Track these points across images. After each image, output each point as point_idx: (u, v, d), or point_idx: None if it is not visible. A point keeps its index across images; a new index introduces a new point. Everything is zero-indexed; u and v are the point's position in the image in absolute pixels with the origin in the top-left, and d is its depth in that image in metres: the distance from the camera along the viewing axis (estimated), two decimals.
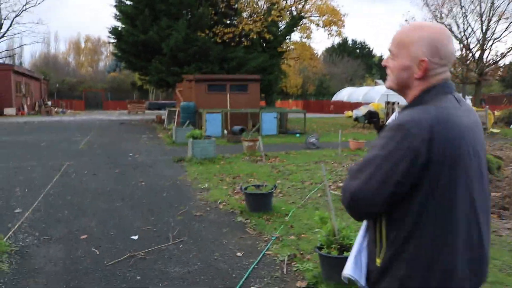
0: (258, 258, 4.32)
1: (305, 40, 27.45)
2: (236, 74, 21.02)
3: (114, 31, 24.41)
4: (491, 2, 26.44)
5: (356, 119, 22.11)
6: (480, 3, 26.46)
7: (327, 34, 27.88)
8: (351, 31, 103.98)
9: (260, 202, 5.85)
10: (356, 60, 57.97)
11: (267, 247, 4.63)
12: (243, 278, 3.88)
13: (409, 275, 1.42)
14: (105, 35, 73.08)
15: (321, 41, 62.06)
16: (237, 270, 4.08)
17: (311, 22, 25.98)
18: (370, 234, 1.59)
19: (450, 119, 1.41)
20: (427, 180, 1.38)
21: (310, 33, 26.64)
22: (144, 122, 24.46)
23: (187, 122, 14.39)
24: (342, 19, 25.70)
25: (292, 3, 25.25)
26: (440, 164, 1.37)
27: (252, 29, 22.66)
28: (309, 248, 4.52)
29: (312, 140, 13.25)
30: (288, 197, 6.82)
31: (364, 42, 66.22)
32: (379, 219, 1.51)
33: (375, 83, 49.02)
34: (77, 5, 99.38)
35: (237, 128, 15.84)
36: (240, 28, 22.77)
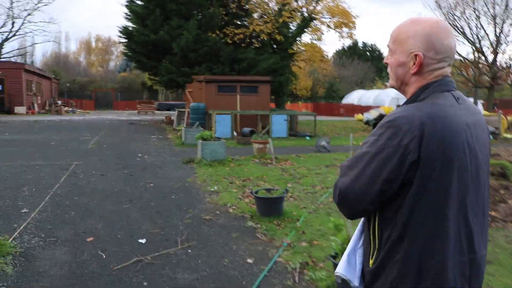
0: (269, 266, 4.18)
1: (316, 42, 27.27)
2: (247, 76, 20.90)
3: (125, 31, 24.37)
4: (505, 5, 26.07)
5: (367, 123, 21.90)
6: (494, 6, 26.09)
7: (338, 36, 27.55)
8: (362, 34, 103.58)
9: (271, 207, 5.71)
10: (366, 63, 57.60)
11: (278, 254, 4.49)
12: (254, 286, 3.74)
13: (401, 278, 1.38)
14: (116, 35, 73.41)
15: (332, 43, 61.88)
16: (248, 278, 3.94)
17: (322, 24, 25.79)
18: (366, 233, 1.55)
19: (444, 117, 1.36)
20: (418, 179, 1.33)
21: (321, 35, 26.43)
22: (154, 123, 24.42)
23: (197, 123, 14.32)
24: (353, 21, 25.47)
25: (303, 4, 25.06)
26: (431, 163, 1.32)
27: (263, 30, 22.50)
28: (322, 256, 4.37)
29: (323, 143, 13.08)
30: (299, 202, 6.67)
31: (375, 45, 65.80)
32: (373, 219, 1.47)
33: (385, 86, 48.61)
34: (88, 5, 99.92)
35: (247, 130, 15.71)
36: (251, 29, 22.61)
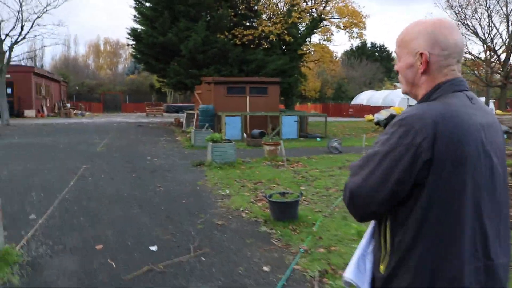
0: (287, 274, 3.97)
1: (325, 43, 27.04)
2: (256, 77, 20.72)
3: (133, 33, 24.33)
4: None
5: (378, 123, 21.63)
6: (507, 4, 25.65)
7: (348, 36, 27.30)
8: (370, 34, 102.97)
9: (286, 211, 5.50)
10: (375, 63, 57.19)
11: (295, 261, 4.28)
12: None
13: (415, 284, 1.32)
14: (124, 38, 73.58)
15: (341, 44, 61.43)
16: (264, 287, 3.74)
17: (332, 24, 25.57)
18: (376, 238, 1.49)
19: (457, 116, 1.32)
20: (430, 180, 1.29)
21: (331, 36, 26.20)
22: (162, 125, 24.30)
23: (206, 125, 14.14)
24: (363, 21, 25.24)
25: (313, 5, 24.88)
26: (444, 163, 1.28)
27: (272, 31, 22.33)
28: (341, 263, 4.15)
29: (335, 145, 12.85)
30: (314, 205, 6.45)
31: (383, 45, 65.49)
32: (384, 222, 1.42)
33: (394, 87, 48.18)
34: (96, 8, 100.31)
35: (257, 132, 15.49)
36: (260, 30, 22.44)
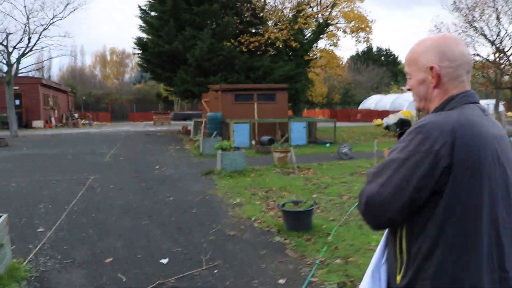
0: (304, 287, 3.82)
1: (332, 48, 26.90)
2: (263, 84, 20.61)
3: (139, 42, 24.32)
4: None
5: (387, 128, 21.40)
6: None
7: (355, 41, 27.16)
8: (376, 39, 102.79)
9: (300, 221, 5.34)
10: (382, 68, 56.92)
11: (312, 273, 4.12)
12: None
13: None
14: (130, 47, 74.04)
15: (348, 49, 61.11)
16: None
17: (338, 29, 25.43)
18: (390, 248, 1.46)
19: (474, 125, 1.33)
20: (449, 187, 1.28)
21: (337, 41, 26.05)
22: (170, 133, 24.23)
23: (215, 133, 14.02)
24: (370, 25, 25.08)
25: (318, 10, 24.76)
26: (463, 171, 1.27)
27: (278, 38, 22.22)
28: (360, 275, 3.98)
29: (345, 150, 12.67)
30: (327, 213, 6.29)
31: (389, 50, 65.02)
32: (400, 231, 1.39)
33: (402, 91, 47.90)
34: (102, 19, 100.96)
35: (266, 139, 15.34)
36: (266, 37, 22.34)
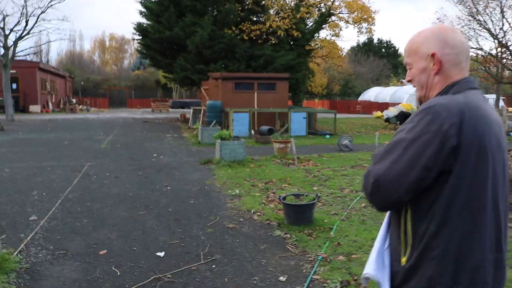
0: (306, 285, 3.66)
1: (334, 38, 26.59)
2: (264, 73, 20.35)
3: (139, 28, 23.95)
4: None
5: (387, 120, 21.22)
6: None
7: (357, 32, 26.92)
8: (377, 30, 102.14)
9: (301, 214, 5.18)
10: (382, 60, 56.53)
11: (314, 270, 3.96)
12: None
13: (439, 274, 1.30)
14: (130, 33, 73.30)
15: (349, 40, 60.52)
16: None
17: (340, 19, 25.12)
18: (394, 230, 1.46)
19: (480, 108, 1.35)
20: (457, 167, 1.28)
21: (339, 31, 25.74)
22: (168, 121, 24.01)
23: (214, 122, 13.83)
24: (373, 16, 24.77)
25: (321, 0, 24.43)
26: (470, 151, 1.28)
27: (280, 26, 21.91)
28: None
29: (345, 142, 12.49)
30: (329, 207, 6.12)
31: (390, 41, 64.54)
32: (404, 213, 1.39)
33: (401, 83, 47.62)
34: (101, 3, 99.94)
35: (265, 128, 15.15)
36: (268, 25, 22.03)
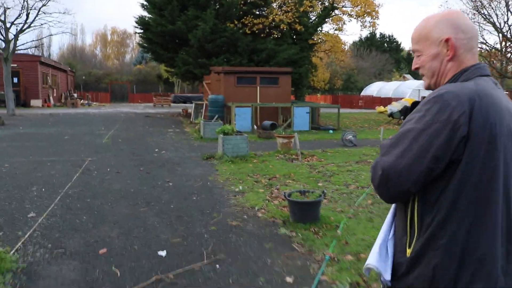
0: (314, 287, 3.51)
1: (337, 33, 26.37)
2: (266, 67, 20.17)
3: (141, 21, 23.74)
4: None
5: (391, 115, 21.04)
6: None
7: (360, 26, 26.68)
8: (380, 25, 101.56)
9: (307, 212, 5.02)
10: (384, 54, 56.20)
11: (321, 271, 3.81)
12: None
13: (444, 263, 1.29)
14: (131, 27, 73.00)
15: (352, 34, 60.01)
16: None
17: (344, 13, 24.89)
18: (400, 221, 1.44)
19: (490, 97, 1.30)
20: (466, 156, 1.26)
21: (343, 25, 25.52)
22: (170, 116, 23.86)
23: (216, 117, 13.66)
24: (376, 10, 24.54)
25: None
26: (479, 140, 1.25)
27: (283, 20, 21.71)
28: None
29: (349, 137, 12.33)
30: (335, 204, 5.97)
31: (392, 36, 64.16)
32: (411, 203, 1.38)
33: (404, 78, 47.32)
34: None
35: (268, 123, 14.98)
36: (270, 19, 21.83)
